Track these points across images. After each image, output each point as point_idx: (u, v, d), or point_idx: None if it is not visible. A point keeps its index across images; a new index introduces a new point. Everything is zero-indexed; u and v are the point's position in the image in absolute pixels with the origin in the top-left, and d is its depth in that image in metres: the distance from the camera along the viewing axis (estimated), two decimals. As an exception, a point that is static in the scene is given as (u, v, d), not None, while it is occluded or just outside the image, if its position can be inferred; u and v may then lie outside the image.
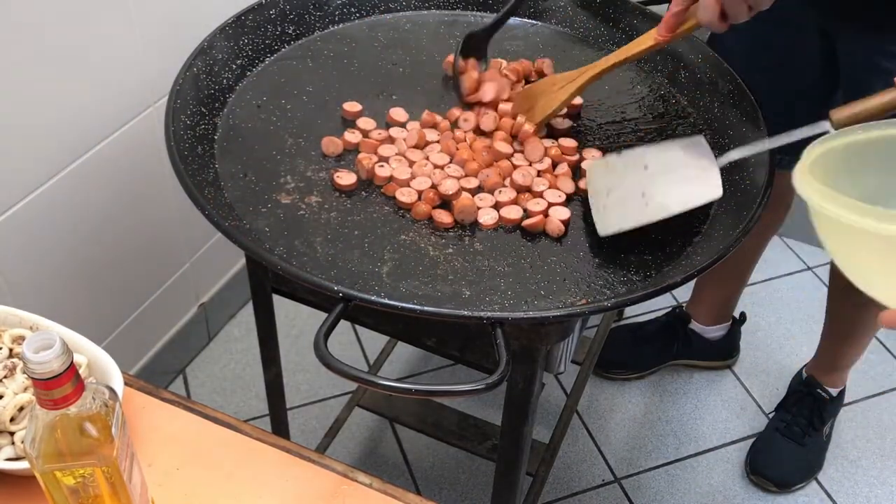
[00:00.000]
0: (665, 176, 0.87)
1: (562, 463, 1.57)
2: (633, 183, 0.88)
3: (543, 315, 0.76)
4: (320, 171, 0.94)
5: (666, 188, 0.86)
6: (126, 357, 1.51)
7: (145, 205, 1.43)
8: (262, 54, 1.08)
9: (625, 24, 1.15)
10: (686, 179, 0.86)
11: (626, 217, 0.85)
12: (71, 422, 0.57)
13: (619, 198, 0.88)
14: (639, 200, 0.86)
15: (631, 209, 0.86)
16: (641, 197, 0.86)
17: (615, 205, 0.87)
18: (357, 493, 0.75)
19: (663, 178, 0.87)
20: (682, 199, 0.84)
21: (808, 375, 1.61)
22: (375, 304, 0.74)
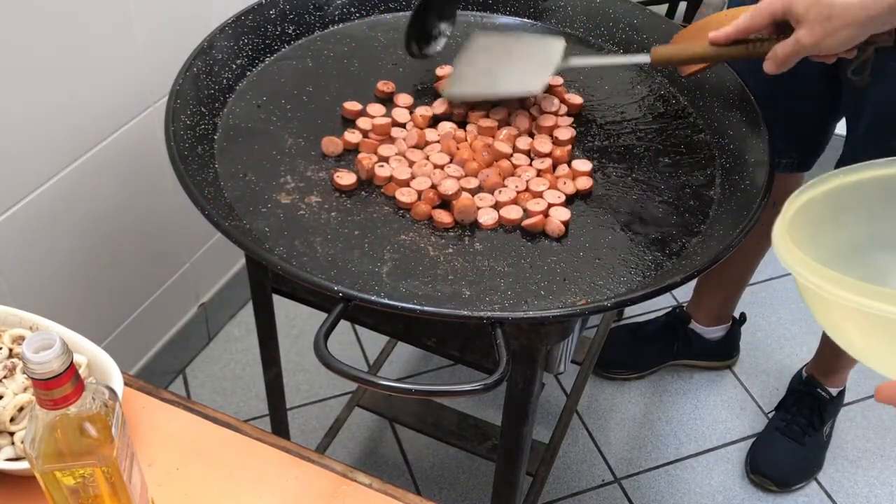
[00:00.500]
0: (514, 64, 1.00)
1: (562, 463, 1.57)
2: (491, 60, 1.01)
3: (543, 315, 0.76)
4: (320, 171, 0.94)
5: (507, 74, 0.99)
6: (126, 357, 1.51)
7: (145, 205, 1.42)
8: (262, 54, 1.08)
9: (625, 24, 1.15)
10: (522, 71, 0.99)
11: (466, 87, 1.00)
12: (71, 422, 0.57)
13: (475, 70, 1.01)
14: (486, 76, 1.00)
15: (473, 81, 1.00)
16: (488, 74, 1.00)
17: (468, 75, 1.01)
18: (357, 493, 0.75)
19: (514, 64, 1.00)
20: (506, 86, 0.98)
21: (807, 375, 1.61)
22: (375, 304, 0.74)
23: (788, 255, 0.59)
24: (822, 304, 0.57)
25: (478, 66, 1.01)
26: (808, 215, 0.65)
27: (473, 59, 1.03)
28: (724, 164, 0.98)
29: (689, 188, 0.95)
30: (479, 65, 1.01)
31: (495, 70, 1.00)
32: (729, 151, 0.99)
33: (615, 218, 0.91)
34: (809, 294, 0.58)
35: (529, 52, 1.01)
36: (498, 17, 1.20)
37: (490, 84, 0.99)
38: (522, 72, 0.98)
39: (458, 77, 1.01)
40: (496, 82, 0.98)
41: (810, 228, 0.65)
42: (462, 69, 1.02)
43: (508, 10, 1.20)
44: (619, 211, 0.92)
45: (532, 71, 0.98)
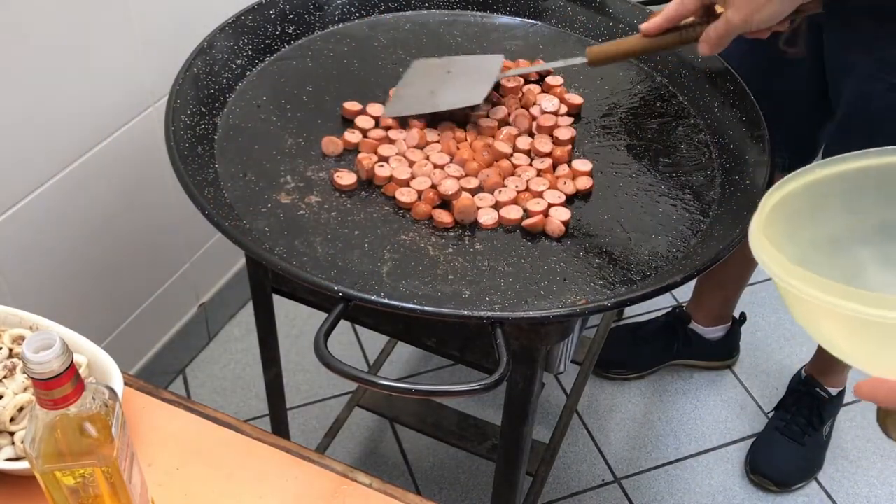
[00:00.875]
0: (457, 80, 1.02)
1: (562, 463, 1.57)
2: (431, 81, 1.03)
3: (543, 315, 0.76)
4: (320, 170, 0.94)
5: (448, 91, 1.00)
6: (126, 357, 1.51)
7: (145, 205, 1.42)
8: (261, 54, 1.08)
9: (625, 24, 1.15)
10: (463, 86, 1.00)
11: (409, 106, 1.00)
12: (71, 422, 0.57)
13: (416, 91, 1.02)
14: (426, 96, 1.01)
15: (415, 101, 1.01)
16: (430, 94, 1.01)
17: (407, 95, 1.02)
18: (357, 493, 0.75)
19: (455, 82, 1.02)
20: (449, 100, 0.99)
21: (807, 375, 1.61)
22: (375, 304, 0.74)
23: (764, 254, 0.59)
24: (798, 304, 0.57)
25: (418, 88, 1.03)
26: (785, 210, 0.64)
27: (413, 83, 1.04)
28: (723, 164, 0.98)
29: (689, 188, 0.95)
30: (419, 86, 1.03)
31: (436, 89, 1.01)
32: (729, 151, 0.99)
33: (615, 218, 0.91)
34: (787, 294, 0.57)
35: (467, 69, 1.03)
36: (498, 16, 1.20)
37: (431, 102, 1.00)
38: (463, 87, 1.00)
39: (398, 98, 1.02)
40: (436, 100, 0.99)
41: (788, 224, 0.64)
42: (401, 91, 1.03)
43: (508, 10, 1.20)
44: (619, 211, 0.92)
45: (472, 84, 0.99)
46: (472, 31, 1.18)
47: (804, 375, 1.62)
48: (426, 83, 1.03)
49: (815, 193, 0.65)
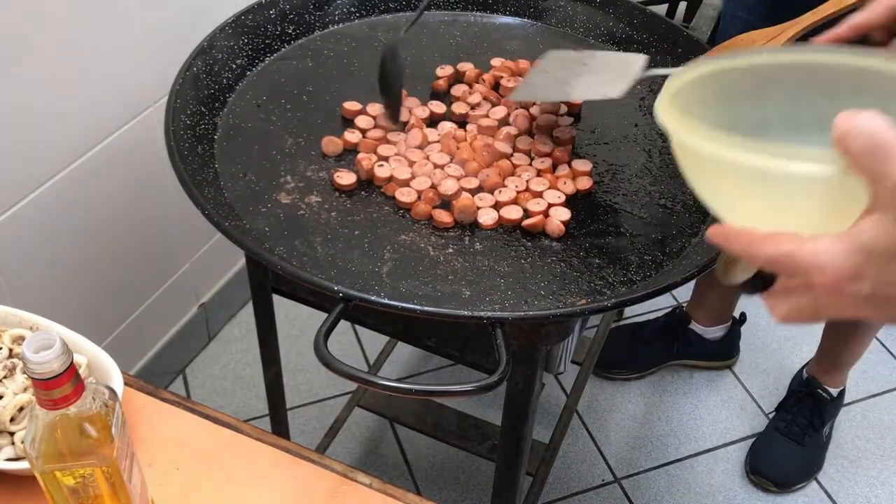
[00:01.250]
0: (592, 74, 0.95)
1: (562, 463, 1.57)
2: (568, 71, 0.97)
3: (543, 315, 0.76)
4: (320, 170, 0.94)
5: (582, 82, 0.94)
6: (126, 357, 1.51)
7: (145, 205, 1.43)
8: (261, 54, 1.08)
9: (625, 24, 1.15)
10: (600, 80, 0.94)
11: (537, 93, 0.97)
12: (71, 422, 0.57)
13: (547, 79, 0.97)
14: (558, 85, 0.95)
15: (546, 89, 0.96)
16: (562, 83, 0.95)
17: (539, 83, 0.97)
18: (357, 493, 0.75)
19: (590, 75, 0.95)
20: (582, 91, 0.94)
21: (808, 375, 1.61)
22: (375, 304, 0.74)
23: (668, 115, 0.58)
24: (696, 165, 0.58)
25: (551, 76, 0.97)
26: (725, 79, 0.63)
27: (546, 69, 0.98)
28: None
29: (690, 188, 0.95)
30: (552, 75, 0.97)
31: (570, 79, 0.95)
32: (729, 151, 0.98)
33: (615, 218, 0.91)
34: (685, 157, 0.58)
35: (606, 64, 0.96)
36: (498, 16, 1.20)
37: (563, 91, 0.94)
38: (599, 81, 0.94)
39: (528, 84, 0.97)
40: (570, 89, 0.94)
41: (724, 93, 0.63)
42: (533, 77, 0.98)
43: (508, 10, 1.20)
44: (619, 211, 0.92)
45: (609, 80, 0.93)
46: (472, 31, 1.18)
47: (806, 376, 1.62)
48: (560, 73, 0.97)
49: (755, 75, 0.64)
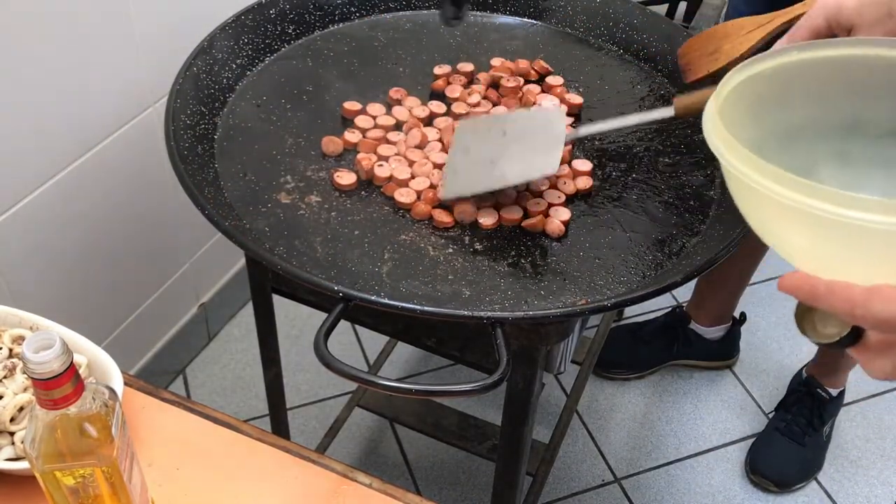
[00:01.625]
0: (516, 145, 0.90)
1: (562, 463, 1.57)
2: (489, 148, 0.91)
3: (543, 315, 0.76)
4: (320, 170, 0.94)
5: (512, 159, 0.89)
6: (126, 357, 1.51)
7: (145, 205, 1.42)
8: (262, 54, 1.08)
9: (625, 24, 1.15)
10: (532, 151, 0.89)
11: (472, 184, 0.88)
12: (71, 422, 0.57)
13: (473, 161, 0.90)
14: (487, 167, 0.89)
15: (477, 175, 0.89)
16: (490, 164, 0.89)
17: (467, 169, 0.90)
18: (357, 493, 0.75)
19: (514, 146, 0.90)
20: (520, 173, 0.88)
21: (808, 376, 1.61)
22: (375, 303, 0.74)
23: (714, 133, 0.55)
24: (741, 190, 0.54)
25: (474, 158, 0.91)
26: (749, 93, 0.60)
27: (466, 151, 0.92)
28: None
29: (689, 188, 0.95)
30: (475, 155, 0.91)
31: (497, 159, 0.89)
32: (729, 151, 0.98)
33: (615, 218, 0.91)
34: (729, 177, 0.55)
35: (526, 129, 0.91)
36: (498, 16, 1.20)
37: (496, 175, 0.88)
38: (529, 155, 0.89)
39: (455, 172, 0.90)
40: (503, 172, 0.88)
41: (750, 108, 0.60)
42: (456, 163, 0.91)
43: (508, 9, 1.20)
44: (619, 210, 0.92)
45: (538, 151, 0.88)
46: (472, 31, 1.18)
47: (805, 376, 1.62)
48: (482, 151, 0.91)
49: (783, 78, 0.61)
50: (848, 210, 0.46)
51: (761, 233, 0.56)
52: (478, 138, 0.92)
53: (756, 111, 0.61)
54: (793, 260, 0.54)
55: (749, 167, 0.52)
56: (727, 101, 0.59)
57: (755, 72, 0.61)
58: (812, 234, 0.51)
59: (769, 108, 0.62)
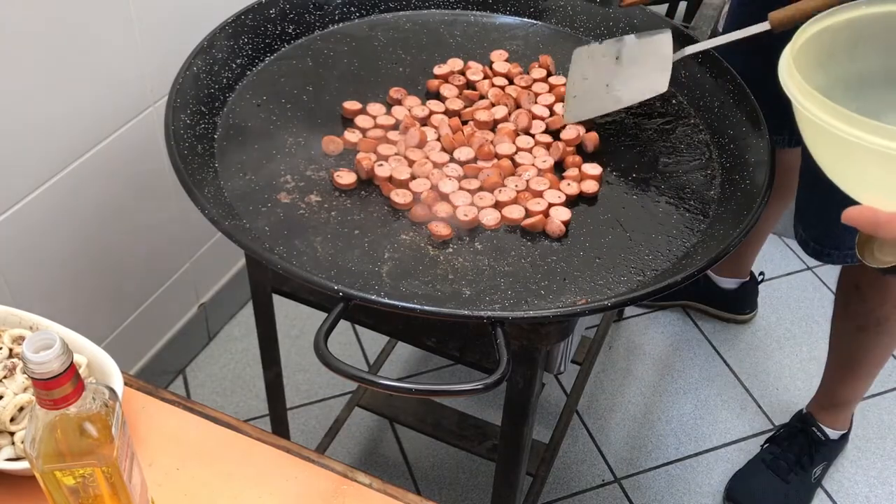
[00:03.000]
0: (629, 69, 0.97)
1: (562, 463, 1.57)
2: (604, 73, 0.98)
3: (544, 314, 0.76)
4: (320, 170, 0.94)
5: (625, 81, 0.96)
6: (126, 357, 1.51)
7: (145, 205, 1.42)
8: (261, 53, 1.08)
9: (625, 24, 1.15)
10: (643, 74, 0.95)
11: (588, 107, 0.97)
12: (71, 422, 0.57)
13: (589, 87, 0.98)
14: (602, 91, 0.97)
15: (594, 100, 0.97)
16: (605, 88, 0.97)
17: (584, 94, 0.98)
18: (357, 493, 0.75)
19: (628, 70, 0.97)
20: (632, 95, 0.95)
21: (806, 412, 1.55)
22: (375, 303, 0.74)
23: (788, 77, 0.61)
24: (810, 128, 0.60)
25: (591, 83, 0.98)
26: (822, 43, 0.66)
27: (583, 77, 0.99)
28: (724, 164, 0.98)
29: (689, 188, 0.95)
30: (592, 81, 0.98)
31: (612, 82, 0.96)
32: (729, 151, 0.98)
33: (615, 218, 0.91)
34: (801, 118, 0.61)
35: (637, 54, 0.97)
36: (498, 16, 1.20)
37: (612, 97, 0.95)
38: (640, 76, 0.95)
39: (574, 97, 0.99)
40: (619, 94, 0.95)
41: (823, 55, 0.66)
42: (575, 88, 0.99)
43: (508, 9, 1.20)
44: (620, 210, 0.92)
45: (649, 72, 0.95)
46: (472, 31, 1.18)
47: (804, 412, 1.56)
48: (597, 76, 0.98)
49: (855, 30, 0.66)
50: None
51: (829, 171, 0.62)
52: (593, 64, 0.99)
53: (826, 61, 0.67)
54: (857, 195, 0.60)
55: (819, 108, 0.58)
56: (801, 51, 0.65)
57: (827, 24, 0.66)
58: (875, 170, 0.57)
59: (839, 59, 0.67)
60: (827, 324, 1.48)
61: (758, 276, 1.78)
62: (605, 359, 1.76)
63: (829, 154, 0.62)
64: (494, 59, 1.11)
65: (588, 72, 0.99)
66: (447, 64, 1.09)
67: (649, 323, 1.85)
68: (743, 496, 1.51)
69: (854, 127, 0.56)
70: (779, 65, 0.64)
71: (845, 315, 1.37)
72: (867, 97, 0.69)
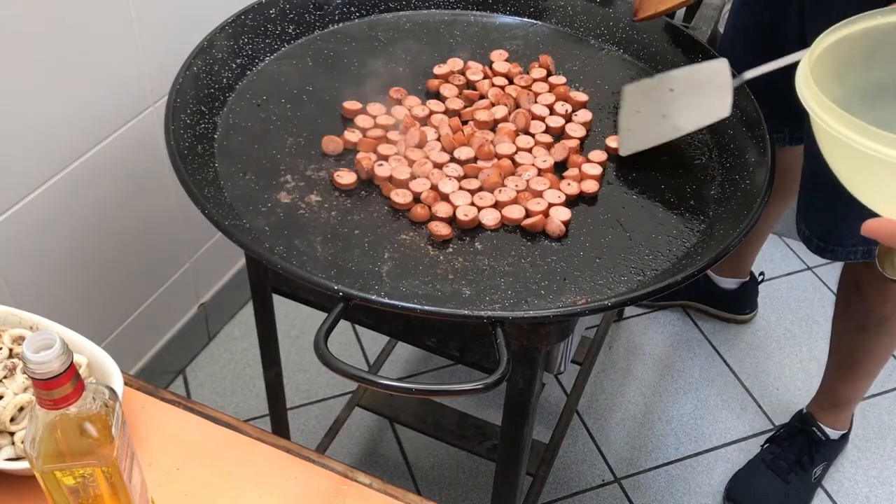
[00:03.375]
0: (685, 98, 0.94)
1: (562, 463, 1.57)
2: (659, 104, 0.95)
3: (543, 314, 0.76)
4: (320, 170, 0.94)
5: (683, 110, 0.93)
6: (126, 357, 1.51)
7: (145, 204, 1.42)
8: (261, 53, 1.08)
9: (625, 23, 1.15)
10: (701, 101, 0.93)
11: (647, 138, 0.94)
12: (71, 422, 0.57)
13: (644, 119, 0.96)
14: (659, 121, 0.94)
15: (651, 130, 0.94)
16: (662, 118, 0.93)
17: (639, 126, 0.95)
18: (357, 493, 0.75)
19: (684, 99, 0.94)
20: (694, 121, 0.92)
21: (807, 412, 1.55)
22: (375, 303, 0.74)
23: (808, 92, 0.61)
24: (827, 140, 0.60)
25: (646, 115, 0.96)
26: (838, 53, 0.66)
27: (637, 108, 0.97)
28: (724, 164, 0.98)
29: (689, 188, 0.95)
30: (647, 114, 0.96)
31: (668, 112, 0.94)
32: (729, 151, 0.98)
33: (615, 218, 0.91)
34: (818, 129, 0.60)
35: (691, 83, 0.95)
36: (498, 16, 1.20)
37: (671, 126, 0.93)
38: (699, 104, 0.92)
39: (629, 131, 0.96)
40: (677, 123, 0.92)
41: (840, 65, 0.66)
42: (629, 122, 0.97)
43: (508, 9, 1.20)
44: (620, 210, 0.92)
45: (708, 99, 0.92)
46: (472, 31, 1.18)
47: (804, 412, 1.56)
48: (653, 108, 0.95)
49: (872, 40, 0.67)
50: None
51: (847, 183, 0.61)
52: (646, 98, 0.97)
53: (844, 70, 0.67)
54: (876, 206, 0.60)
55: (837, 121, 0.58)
56: (818, 62, 0.65)
57: (844, 34, 0.66)
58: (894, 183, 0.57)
59: (856, 68, 0.67)
60: (827, 324, 1.48)
61: (758, 276, 1.78)
62: (605, 359, 1.76)
63: (848, 166, 0.61)
64: (494, 58, 1.11)
65: (641, 105, 0.97)
66: (447, 64, 1.09)
67: (649, 323, 1.85)
68: (743, 496, 1.51)
69: (873, 140, 0.55)
70: (796, 75, 0.64)
71: (846, 315, 1.37)
72: (884, 106, 0.69)
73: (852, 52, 0.67)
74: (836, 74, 0.66)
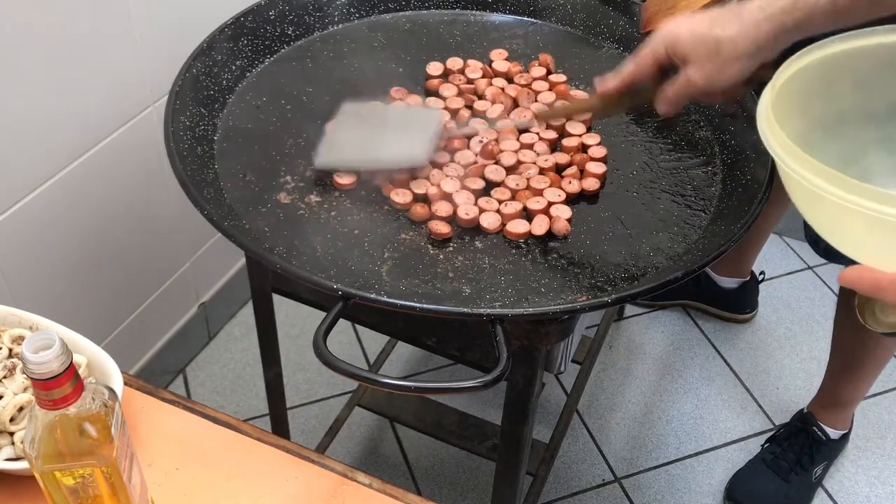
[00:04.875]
0: (394, 134, 0.96)
1: (562, 463, 1.57)
2: (368, 131, 0.96)
3: (544, 311, 0.76)
4: (320, 170, 0.94)
5: (388, 144, 0.95)
6: (126, 357, 1.51)
7: (145, 205, 1.42)
8: (261, 55, 1.08)
9: (625, 23, 1.15)
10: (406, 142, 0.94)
11: (344, 158, 0.93)
12: (70, 422, 0.57)
13: (350, 139, 0.96)
14: (362, 146, 0.94)
15: (352, 151, 0.94)
16: (366, 144, 0.95)
17: (343, 144, 0.95)
18: (357, 493, 0.75)
19: (392, 135, 0.96)
20: (392, 157, 0.93)
21: (807, 412, 1.55)
22: (375, 302, 0.74)
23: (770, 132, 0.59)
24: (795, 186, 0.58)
25: (354, 134, 0.96)
26: (798, 85, 0.64)
27: (349, 125, 0.97)
28: (725, 160, 0.98)
29: (691, 185, 0.95)
30: (357, 132, 0.96)
31: (375, 139, 0.95)
32: (730, 147, 0.98)
33: (616, 215, 0.91)
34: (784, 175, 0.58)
35: (405, 121, 0.98)
36: (498, 16, 1.20)
37: (370, 153, 0.94)
38: (403, 141, 0.94)
39: (333, 144, 0.95)
40: (377, 154, 0.93)
41: (799, 99, 0.64)
42: (337, 136, 0.96)
43: (508, 9, 1.20)
44: (620, 208, 0.92)
45: (412, 141, 0.94)
46: (472, 31, 1.18)
47: (805, 412, 1.56)
48: (362, 130, 0.97)
49: (829, 69, 0.65)
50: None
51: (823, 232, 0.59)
52: (359, 120, 0.98)
53: (804, 102, 0.65)
54: (854, 256, 0.57)
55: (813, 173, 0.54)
56: (779, 95, 0.63)
57: (802, 65, 0.64)
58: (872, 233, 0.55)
59: (817, 98, 0.65)
60: (828, 323, 1.48)
61: (758, 275, 1.78)
62: (605, 358, 1.76)
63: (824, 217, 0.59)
64: (494, 58, 1.11)
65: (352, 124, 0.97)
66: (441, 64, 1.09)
67: (649, 322, 1.85)
68: (743, 496, 1.51)
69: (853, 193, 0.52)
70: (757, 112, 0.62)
71: (847, 314, 1.37)
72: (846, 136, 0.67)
73: (812, 84, 0.65)
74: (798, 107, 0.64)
